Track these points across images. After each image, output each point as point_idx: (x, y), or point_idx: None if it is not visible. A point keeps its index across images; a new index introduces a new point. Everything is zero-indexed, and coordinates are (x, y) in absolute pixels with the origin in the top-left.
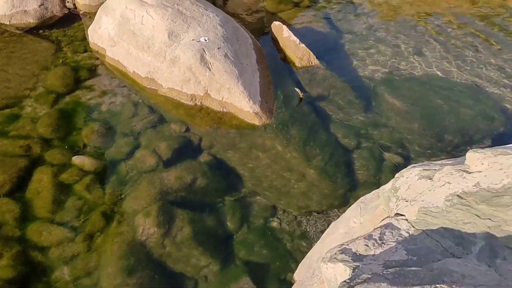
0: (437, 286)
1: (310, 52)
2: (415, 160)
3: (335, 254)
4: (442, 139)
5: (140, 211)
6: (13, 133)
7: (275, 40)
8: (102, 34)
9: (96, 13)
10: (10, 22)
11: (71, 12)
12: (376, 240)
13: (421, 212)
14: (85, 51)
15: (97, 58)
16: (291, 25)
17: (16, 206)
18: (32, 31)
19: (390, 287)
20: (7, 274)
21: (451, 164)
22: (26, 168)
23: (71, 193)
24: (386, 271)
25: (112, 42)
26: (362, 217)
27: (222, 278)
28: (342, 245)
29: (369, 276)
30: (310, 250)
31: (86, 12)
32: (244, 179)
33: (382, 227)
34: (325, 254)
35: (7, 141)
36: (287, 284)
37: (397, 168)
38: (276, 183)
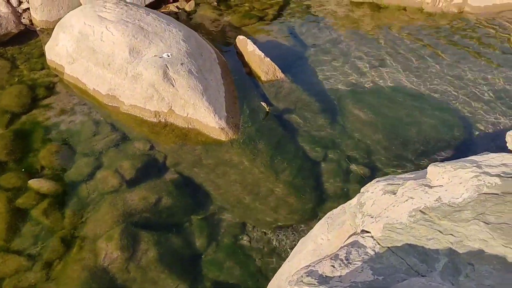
0: None
1: (275, 65)
2: (381, 171)
3: (301, 276)
4: (405, 148)
5: (102, 235)
6: None
7: (240, 54)
8: (60, 51)
9: (54, 29)
10: None
11: (28, 29)
12: (343, 260)
13: (386, 229)
14: (42, 68)
15: (55, 76)
16: (256, 39)
17: None
18: None
19: None
20: None
21: (413, 178)
22: None
23: (28, 218)
24: None
25: (71, 59)
26: (329, 233)
27: None
28: (308, 266)
29: None
30: (279, 269)
31: (44, 29)
32: (211, 196)
33: (348, 245)
34: (291, 277)
35: None
36: None
37: (363, 179)
38: (244, 199)
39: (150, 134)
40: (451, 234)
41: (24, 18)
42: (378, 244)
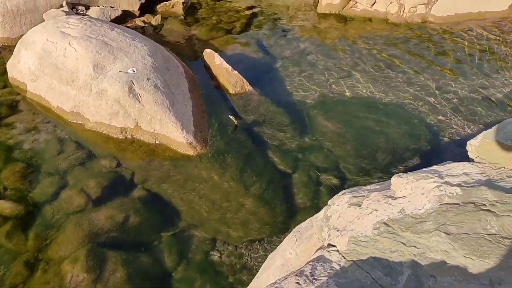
0: None
1: (243, 78)
2: (351, 180)
3: None
4: (374, 158)
5: (68, 256)
6: None
7: (208, 67)
8: (22, 68)
9: (16, 46)
10: None
11: None
12: (308, 277)
13: (351, 242)
14: (4, 86)
15: (18, 94)
16: (223, 52)
17: None
18: None
19: None
20: None
21: (378, 189)
22: None
23: None
24: None
25: (33, 77)
26: (297, 247)
27: None
28: (274, 284)
29: None
30: (249, 286)
31: (5, 46)
32: (180, 212)
33: (314, 260)
34: None
35: None
36: None
37: (334, 190)
38: (214, 214)
39: (117, 151)
40: (414, 246)
41: None
42: (344, 258)
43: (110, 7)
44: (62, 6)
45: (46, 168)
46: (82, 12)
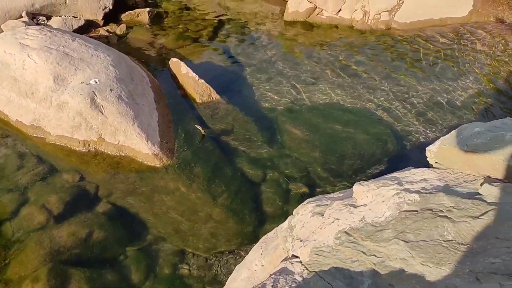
0: None
1: (210, 87)
2: (320, 187)
3: None
4: (342, 164)
5: (28, 276)
6: None
7: (174, 77)
8: None
9: None
10: None
11: None
12: None
13: (313, 253)
14: None
15: None
16: (190, 61)
17: None
18: None
19: None
20: None
21: (341, 198)
22: None
23: None
24: None
25: None
26: (263, 259)
27: None
28: None
29: None
30: None
31: None
32: (147, 225)
33: (277, 273)
34: None
35: None
36: None
37: (303, 198)
38: (182, 226)
39: (80, 165)
40: (374, 255)
41: None
42: (306, 269)
43: (73, 16)
44: (22, 17)
45: (5, 184)
46: (43, 22)
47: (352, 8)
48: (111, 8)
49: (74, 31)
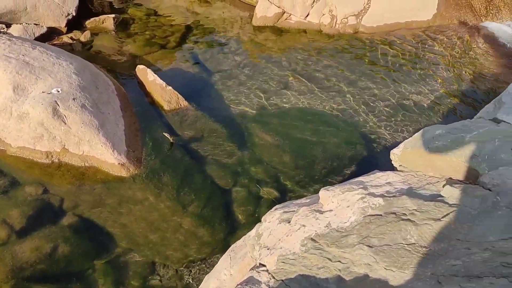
0: None
1: (178, 94)
2: (291, 192)
3: None
4: (312, 168)
5: None
6: None
7: (141, 84)
8: None
9: None
10: None
11: None
12: None
13: (279, 261)
14: None
15: None
16: (158, 67)
17: None
18: None
19: None
20: None
21: (307, 203)
22: None
23: None
24: None
25: None
26: (232, 268)
27: None
28: None
29: None
30: None
31: None
32: (115, 237)
33: (243, 283)
34: None
35: None
36: None
37: (274, 204)
38: (152, 237)
39: (43, 177)
40: (339, 261)
41: None
42: (273, 277)
43: (34, 24)
44: None
45: None
46: (3, 30)
47: (320, 12)
48: (74, 14)
49: (36, 39)
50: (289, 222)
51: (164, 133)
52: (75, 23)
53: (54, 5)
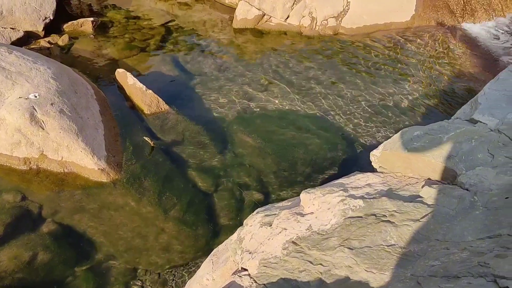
0: None
1: (159, 97)
2: (274, 194)
3: None
4: (294, 170)
5: None
6: None
7: (121, 88)
8: None
9: None
10: None
11: None
12: None
13: (261, 265)
14: None
15: None
16: (138, 71)
17: None
18: None
19: None
20: None
21: (289, 206)
22: None
23: None
24: None
25: None
26: (214, 272)
27: None
28: None
29: None
30: None
31: None
32: (96, 244)
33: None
34: None
35: None
36: None
37: (257, 206)
38: (133, 243)
39: (21, 184)
40: (320, 264)
41: None
42: (255, 282)
43: (11, 28)
44: None
45: None
46: None
47: (300, 14)
48: (52, 18)
49: (13, 43)
50: (270, 226)
51: (144, 137)
52: (53, 27)
53: (30, 9)
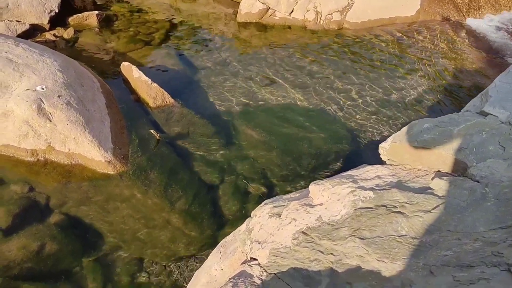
0: None
1: (164, 91)
2: (278, 187)
3: None
4: (299, 164)
5: None
6: None
7: (126, 81)
8: None
9: None
10: None
11: None
12: None
13: (271, 255)
14: None
15: None
16: (142, 64)
17: None
18: None
19: None
20: None
21: (297, 198)
22: None
23: None
24: None
25: None
26: (222, 263)
27: None
28: None
29: None
30: None
31: None
32: (103, 234)
33: (235, 276)
34: None
35: None
36: None
37: (262, 199)
38: (139, 234)
39: (29, 175)
40: (331, 254)
41: None
42: (265, 271)
43: (16, 21)
44: None
45: None
46: None
47: (304, 9)
48: (57, 11)
49: (19, 36)
50: (279, 216)
51: (150, 130)
52: (58, 20)
53: (36, 2)
